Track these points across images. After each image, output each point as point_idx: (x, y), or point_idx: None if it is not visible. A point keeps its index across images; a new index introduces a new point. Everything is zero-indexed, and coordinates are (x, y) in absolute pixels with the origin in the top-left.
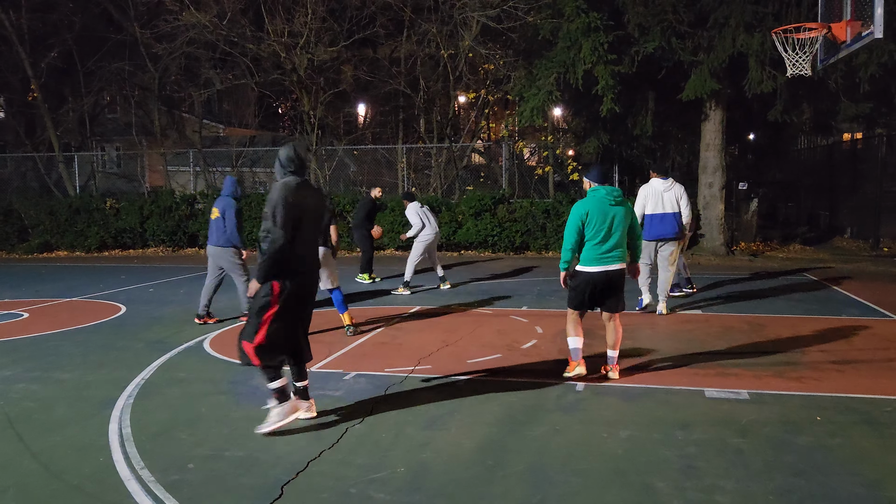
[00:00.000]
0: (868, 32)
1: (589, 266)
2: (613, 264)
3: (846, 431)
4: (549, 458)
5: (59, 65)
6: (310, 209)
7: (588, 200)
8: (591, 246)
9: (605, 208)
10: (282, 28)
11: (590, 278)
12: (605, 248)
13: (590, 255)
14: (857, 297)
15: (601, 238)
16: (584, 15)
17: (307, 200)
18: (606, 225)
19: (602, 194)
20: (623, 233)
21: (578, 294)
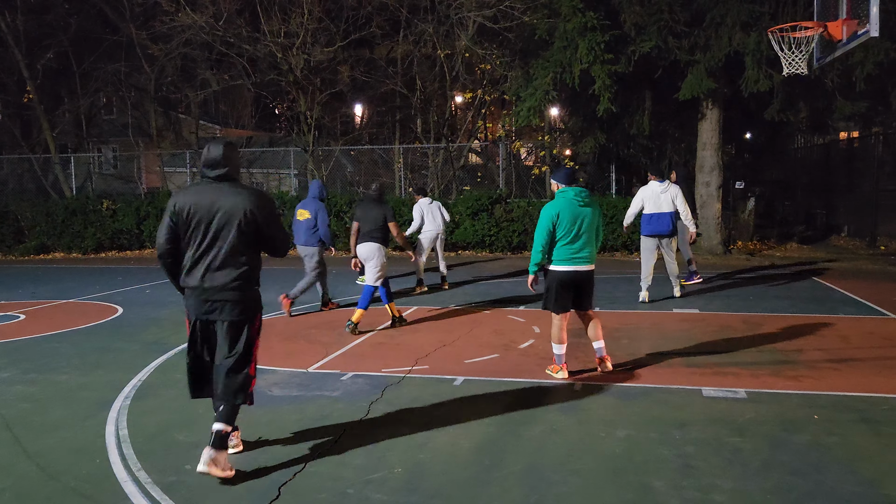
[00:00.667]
0: (864, 31)
1: (560, 266)
2: (584, 265)
3: (843, 430)
4: (546, 458)
5: (55, 66)
6: (205, 214)
7: (558, 202)
8: (562, 246)
9: (575, 209)
10: (278, 29)
11: (561, 277)
12: (576, 248)
13: (561, 254)
14: (854, 295)
15: (571, 238)
16: (581, 14)
17: (203, 204)
18: (577, 225)
19: (571, 195)
20: (592, 234)
21: (555, 295)
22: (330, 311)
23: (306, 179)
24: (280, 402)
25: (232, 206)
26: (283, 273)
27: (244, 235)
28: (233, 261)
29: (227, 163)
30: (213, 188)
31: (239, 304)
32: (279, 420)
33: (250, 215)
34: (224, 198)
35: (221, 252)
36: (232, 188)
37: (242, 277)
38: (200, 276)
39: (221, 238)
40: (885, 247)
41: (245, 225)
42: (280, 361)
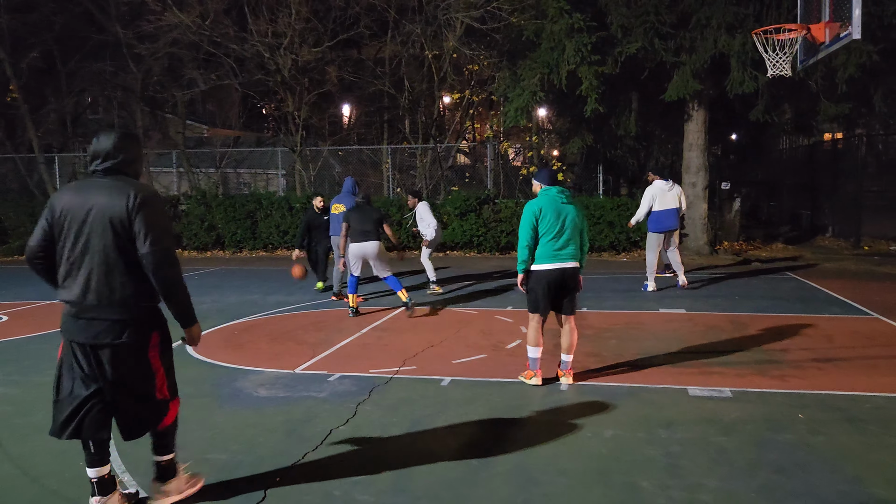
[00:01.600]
0: (846, 33)
1: (544, 264)
2: (568, 262)
3: (828, 429)
4: (533, 458)
5: (40, 65)
6: (78, 215)
7: (540, 199)
8: (545, 242)
9: (557, 206)
10: (265, 28)
11: (545, 276)
12: (559, 245)
13: (544, 251)
14: (838, 295)
15: (555, 234)
16: (568, 16)
17: (76, 203)
18: (560, 221)
19: (554, 193)
20: (575, 232)
21: (536, 295)
22: (336, 301)
23: (294, 180)
24: (266, 403)
25: (107, 206)
26: (273, 274)
27: (122, 240)
28: (114, 271)
29: (118, 154)
30: (93, 184)
31: (121, 323)
32: (265, 421)
33: (127, 216)
34: (100, 195)
35: (98, 261)
36: (114, 184)
37: (128, 291)
38: (79, 291)
39: (96, 244)
40: (869, 247)
41: (122, 228)
42: (267, 362)
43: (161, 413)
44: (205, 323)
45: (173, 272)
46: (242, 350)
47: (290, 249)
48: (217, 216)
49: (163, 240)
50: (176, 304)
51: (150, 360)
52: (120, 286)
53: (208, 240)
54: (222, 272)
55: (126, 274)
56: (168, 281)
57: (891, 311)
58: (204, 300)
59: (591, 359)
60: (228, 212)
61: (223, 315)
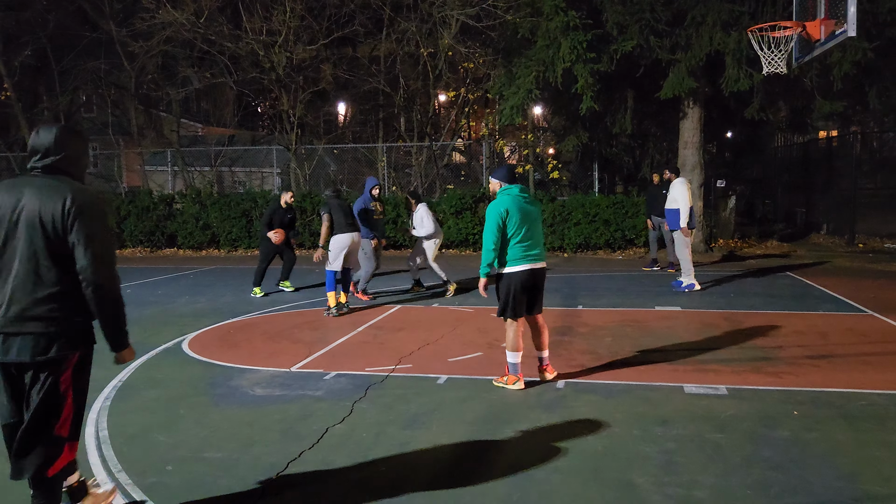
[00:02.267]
0: (842, 31)
1: (516, 266)
2: (538, 262)
3: (822, 425)
4: (529, 456)
5: (33, 63)
6: (7, 215)
7: (504, 199)
8: (515, 244)
9: (522, 206)
10: (260, 26)
11: (518, 278)
12: (529, 245)
13: (515, 253)
14: (832, 292)
15: (523, 235)
16: (563, 13)
17: (7, 202)
18: (527, 222)
19: (516, 192)
20: (540, 231)
21: (511, 299)
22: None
23: (289, 178)
24: (262, 401)
25: (39, 206)
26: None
27: (53, 247)
28: (40, 279)
29: (59, 151)
30: (28, 182)
31: (45, 337)
32: (261, 420)
33: (62, 221)
34: (34, 195)
35: (23, 266)
36: (52, 183)
37: (54, 301)
38: (3, 301)
39: (24, 247)
40: (863, 244)
41: (55, 233)
42: (262, 361)
43: (55, 453)
44: (200, 321)
45: (112, 287)
46: (238, 349)
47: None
48: (212, 215)
49: (103, 251)
50: (110, 324)
51: (60, 384)
52: (47, 297)
53: (203, 239)
54: (217, 271)
55: (56, 284)
56: (104, 297)
57: (885, 309)
58: (199, 299)
59: (587, 356)
60: (223, 210)
61: (218, 314)
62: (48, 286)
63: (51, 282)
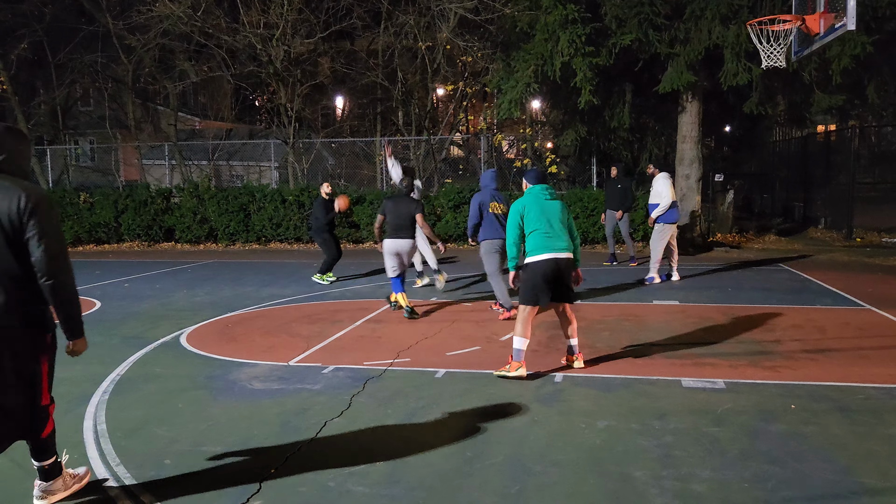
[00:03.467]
0: (841, 24)
1: (538, 255)
2: (561, 252)
3: (819, 419)
4: (527, 449)
5: (30, 57)
6: None
7: (525, 198)
8: (536, 235)
9: (541, 202)
10: (257, 19)
11: (540, 267)
12: (550, 236)
13: (537, 243)
14: (830, 286)
15: (544, 227)
16: (562, 7)
17: None
18: (546, 216)
19: (538, 190)
20: (563, 225)
21: (531, 286)
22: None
23: (287, 172)
24: (261, 395)
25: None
26: (266, 266)
27: (11, 243)
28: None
29: (2, 152)
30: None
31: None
32: (260, 414)
33: (18, 219)
34: None
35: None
36: (2, 183)
37: (21, 296)
38: None
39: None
40: (861, 238)
41: (12, 230)
42: (261, 355)
43: (44, 420)
44: (198, 316)
45: (66, 279)
46: (236, 343)
47: (282, 242)
48: (210, 209)
49: (57, 245)
50: (66, 313)
51: (42, 365)
52: (12, 289)
53: (201, 233)
54: (215, 265)
55: (16, 279)
56: (60, 288)
57: (882, 303)
58: (197, 293)
59: (585, 350)
60: (221, 204)
61: (217, 308)
62: (7, 281)
63: (10, 277)
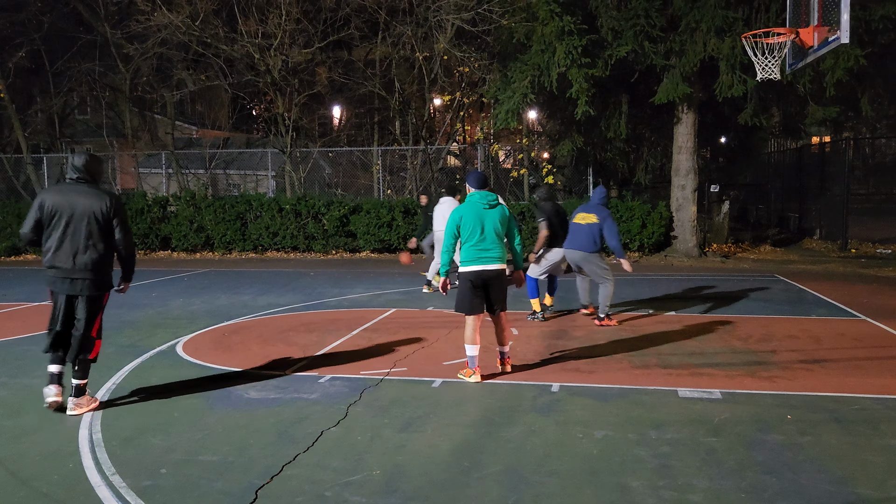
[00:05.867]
0: (835, 38)
1: (469, 266)
2: (491, 264)
3: (816, 429)
4: (524, 459)
5: (28, 65)
6: (62, 210)
7: (463, 205)
8: (468, 247)
9: (478, 211)
10: (255, 29)
11: (471, 277)
12: (482, 248)
13: (468, 255)
14: (826, 297)
15: (477, 239)
16: (558, 19)
17: (60, 202)
18: (480, 226)
19: (476, 198)
20: (498, 235)
21: (465, 296)
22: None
23: (284, 181)
24: (257, 404)
25: (90, 204)
26: (263, 275)
27: (101, 227)
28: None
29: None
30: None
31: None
32: (256, 423)
33: (107, 211)
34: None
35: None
36: (91, 189)
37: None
38: (70, 259)
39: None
40: (856, 249)
41: (103, 218)
42: (257, 364)
43: (91, 347)
44: (195, 324)
45: (132, 249)
46: (233, 351)
47: (279, 251)
48: (206, 217)
49: (128, 229)
50: (128, 269)
51: (100, 311)
52: (98, 258)
53: (198, 241)
54: (212, 274)
55: (101, 251)
56: (129, 255)
57: (877, 313)
58: (194, 301)
59: (582, 360)
60: (218, 213)
61: (213, 316)
62: (98, 251)
63: (99, 247)
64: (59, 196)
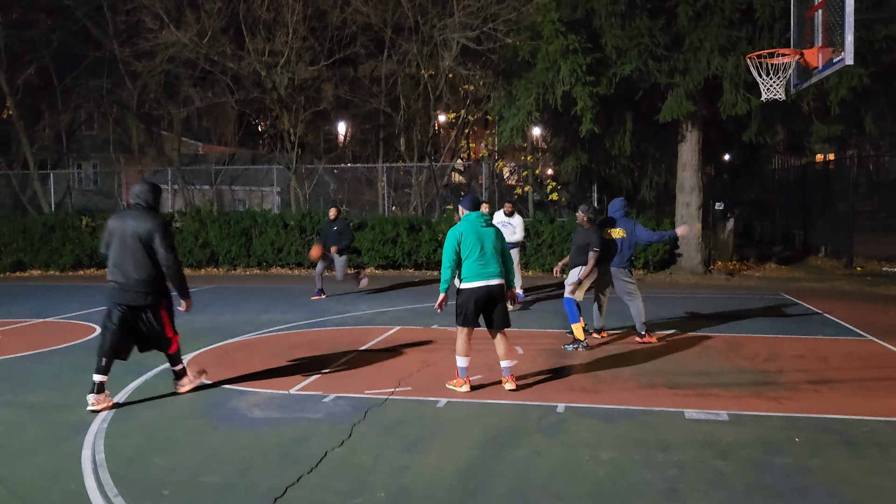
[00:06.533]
0: (839, 59)
1: (471, 282)
2: (493, 279)
3: (825, 452)
4: (530, 481)
5: (36, 82)
6: (117, 233)
7: (462, 224)
8: (471, 263)
9: (477, 229)
10: (262, 47)
11: (473, 293)
12: (484, 263)
13: (471, 270)
14: (832, 316)
15: (478, 255)
16: (563, 37)
17: (117, 226)
18: (479, 243)
19: (474, 217)
20: (497, 252)
21: (465, 310)
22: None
23: (289, 197)
24: (260, 424)
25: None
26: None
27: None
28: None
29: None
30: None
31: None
32: (259, 443)
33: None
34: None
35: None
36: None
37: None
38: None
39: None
40: (862, 267)
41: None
42: (261, 382)
43: (169, 344)
44: (199, 341)
45: (177, 267)
46: (236, 369)
47: (284, 267)
48: (211, 233)
49: (171, 249)
50: (177, 285)
51: (163, 316)
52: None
53: (202, 257)
54: (216, 290)
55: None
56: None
57: (885, 333)
58: (198, 318)
59: (587, 379)
60: (223, 229)
61: (217, 333)
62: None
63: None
64: (117, 220)
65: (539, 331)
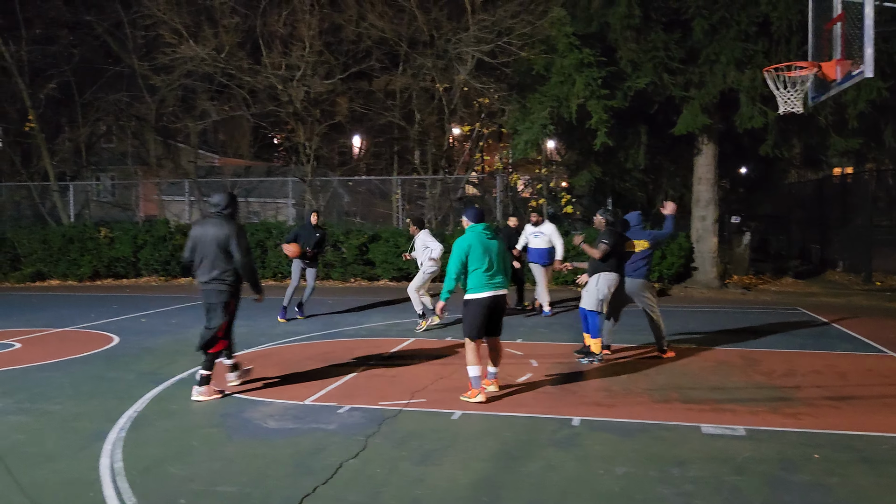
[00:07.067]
0: (858, 71)
1: (480, 292)
2: (500, 289)
3: (844, 470)
4: (544, 495)
5: (58, 95)
6: (199, 239)
7: (469, 235)
8: (480, 273)
9: (484, 241)
10: (278, 61)
11: (483, 303)
12: (492, 274)
13: (480, 281)
14: (850, 331)
15: (486, 266)
16: (578, 51)
17: (199, 232)
18: (488, 255)
19: (480, 229)
20: (502, 263)
21: (475, 322)
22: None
23: (304, 209)
24: (275, 434)
25: (216, 232)
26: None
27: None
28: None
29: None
30: (210, 221)
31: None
32: (274, 453)
33: (227, 237)
34: (212, 226)
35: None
36: (221, 221)
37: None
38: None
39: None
40: (881, 282)
41: (225, 243)
42: (276, 393)
43: (215, 342)
44: None
45: (251, 267)
46: (251, 380)
47: None
48: None
49: (245, 251)
50: (251, 282)
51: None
52: (225, 274)
53: None
54: None
55: (226, 268)
56: (248, 272)
57: None
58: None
59: (601, 393)
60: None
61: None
62: (220, 269)
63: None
64: (199, 228)
65: (554, 343)
